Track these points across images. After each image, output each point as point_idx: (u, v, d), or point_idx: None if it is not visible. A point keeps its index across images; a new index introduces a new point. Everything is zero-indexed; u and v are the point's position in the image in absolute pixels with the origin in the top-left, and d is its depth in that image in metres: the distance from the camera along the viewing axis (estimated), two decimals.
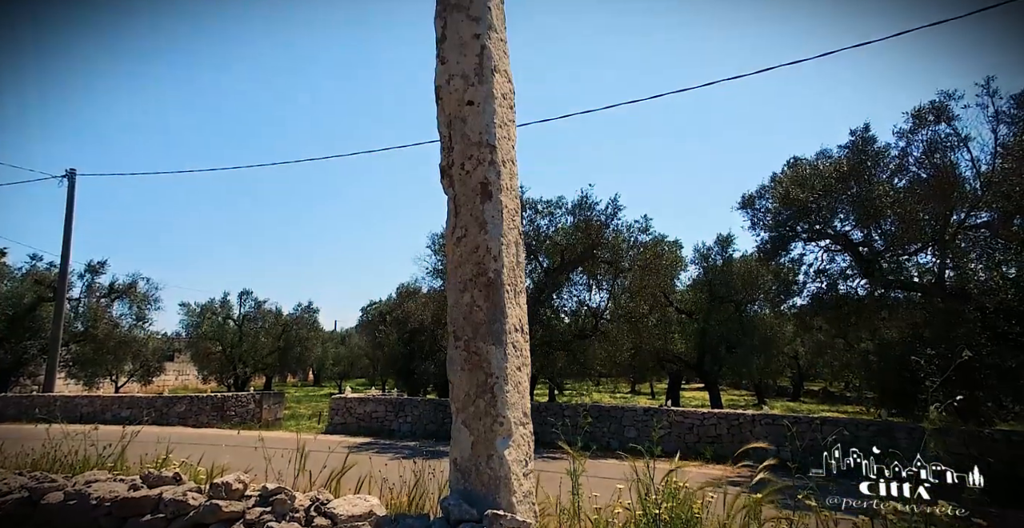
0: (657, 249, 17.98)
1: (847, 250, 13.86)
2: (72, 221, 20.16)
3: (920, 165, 12.26)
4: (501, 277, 3.49)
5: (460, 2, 3.78)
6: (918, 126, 12.05)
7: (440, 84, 3.79)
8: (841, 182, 12.85)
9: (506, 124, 3.79)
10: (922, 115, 11.98)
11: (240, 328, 27.63)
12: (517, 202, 3.83)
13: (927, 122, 11.90)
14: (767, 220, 14.61)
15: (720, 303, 20.43)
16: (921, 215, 12.09)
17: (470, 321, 3.48)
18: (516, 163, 3.89)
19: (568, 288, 18.16)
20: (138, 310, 24.83)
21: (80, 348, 23.23)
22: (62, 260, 20.28)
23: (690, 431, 13.19)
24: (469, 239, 3.57)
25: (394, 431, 16.03)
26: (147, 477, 3.92)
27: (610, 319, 17.65)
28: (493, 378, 3.37)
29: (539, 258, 17.22)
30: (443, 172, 3.78)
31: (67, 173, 20.20)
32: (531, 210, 16.93)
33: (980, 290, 11.29)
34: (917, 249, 13.07)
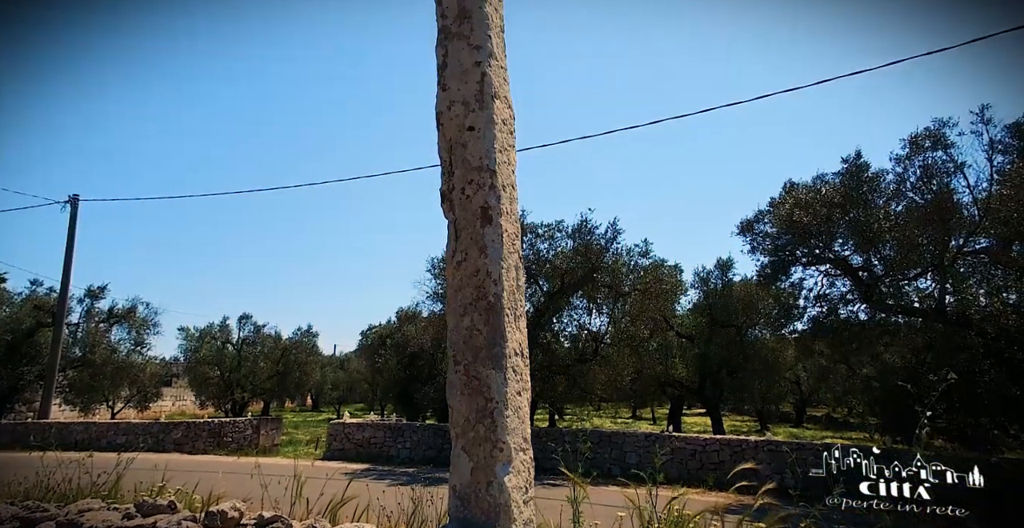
0: (657, 273, 17.99)
1: (847, 275, 13.86)
2: (73, 247, 20.17)
3: (917, 191, 12.35)
4: (501, 301, 3.49)
5: (461, 31, 3.85)
6: (914, 152, 12.18)
7: (441, 110, 3.83)
8: (839, 207, 12.91)
9: (506, 149, 3.83)
10: (918, 141, 12.11)
11: (239, 352, 27.46)
12: (517, 226, 3.84)
13: (923, 148, 12.03)
14: (766, 244, 14.64)
15: (721, 327, 20.35)
16: (920, 240, 12.13)
17: (470, 345, 3.47)
18: (516, 187, 3.92)
19: (568, 312, 18.13)
20: (137, 335, 24.71)
21: (77, 374, 23.04)
22: (62, 286, 20.26)
23: (692, 457, 13.03)
24: (469, 263, 3.58)
25: (393, 457, 15.83)
26: (141, 506, 3.86)
27: (610, 343, 17.57)
28: (493, 403, 3.34)
29: (539, 282, 17.22)
30: (443, 197, 3.80)
31: (70, 199, 20.31)
32: (531, 234, 16.99)
33: (981, 316, 11.25)
34: (917, 274, 13.08)
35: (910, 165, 12.30)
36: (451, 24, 3.89)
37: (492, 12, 3.98)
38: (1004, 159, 11.47)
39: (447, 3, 3.94)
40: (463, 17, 3.87)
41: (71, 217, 20.16)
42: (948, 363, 10.84)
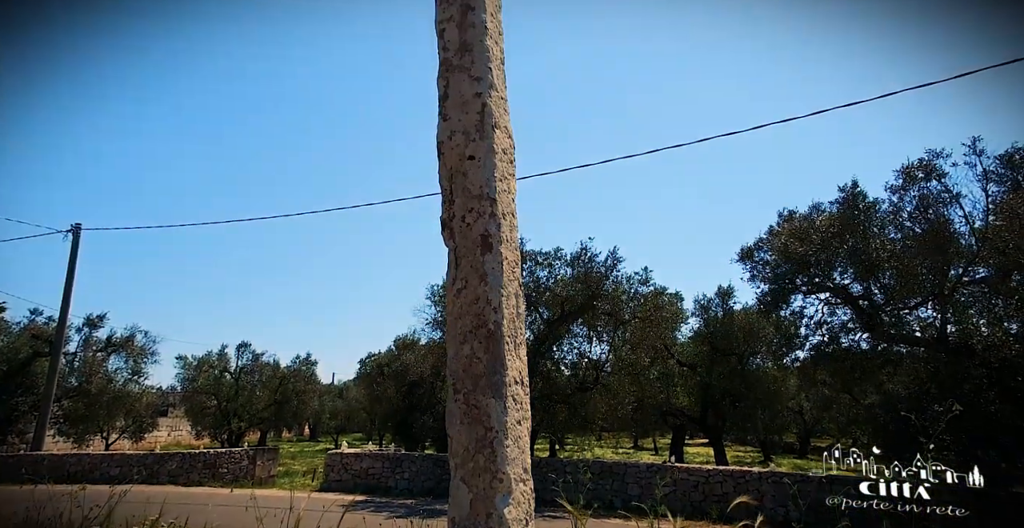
0: (657, 301, 17.97)
1: (847, 303, 13.84)
2: (73, 276, 20.08)
3: (914, 220, 12.42)
4: (501, 329, 3.48)
5: (462, 63, 3.92)
6: (909, 182, 12.29)
7: (442, 140, 3.89)
8: (837, 236, 12.97)
9: (506, 178, 3.87)
10: (911, 172, 12.24)
11: (237, 381, 27.22)
12: (517, 254, 3.86)
13: (917, 179, 12.15)
14: (766, 273, 14.66)
15: (722, 356, 20.22)
16: (919, 269, 12.15)
17: (469, 373, 3.45)
18: (516, 216, 3.94)
19: (568, 340, 18.05)
20: (134, 364, 24.44)
21: (72, 404, 22.71)
22: (60, 315, 20.13)
23: (695, 489, 12.81)
24: (469, 291, 3.58)
25: (391, 488, 15.56)
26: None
27: (611, 371, 17.45)
28: (493, 432, 3.31)
29: (539, 309, 17.19)
30: (444, 224, 3.83)
31: (72, 228, 20.33)
32: (531, 262, 17.03)
33: (984, 346, 11.20)
34: (917, 303, 13.06)
35: (905, 195, 12.42)
36: (452, 57, 3.97)
37: (492, 45, 4.07)
38: (998, 189, 11.58)
39: (448, 37, 4.03)
40: (464, 50, 3.96)
41: (72, 246, 20.16)
42: (952, 394, 10.73)
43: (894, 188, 12.54)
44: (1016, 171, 11.66)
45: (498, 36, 4.24)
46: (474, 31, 4.01)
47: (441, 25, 4.14)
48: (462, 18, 4.04)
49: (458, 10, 4.06)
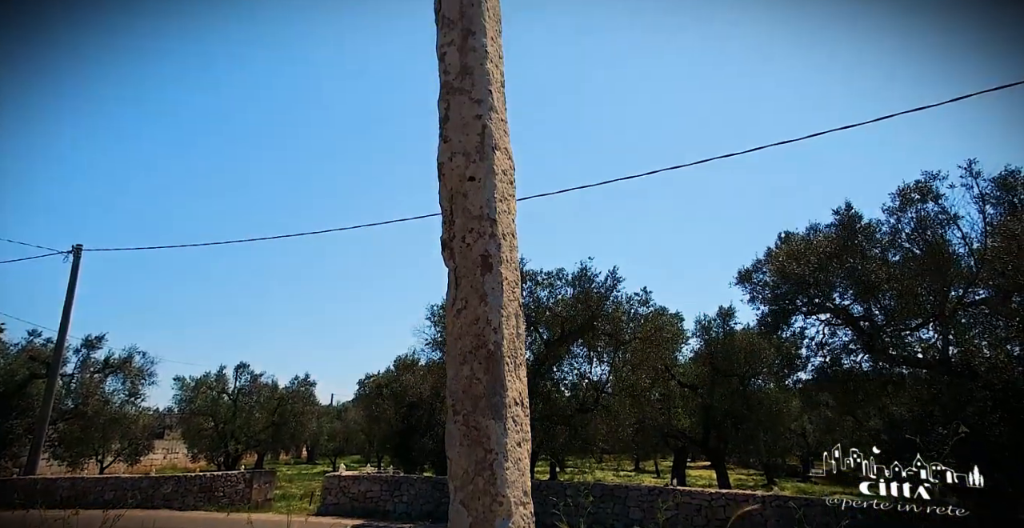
0: (658, 321, 17.92)
1: (848, 324, 13.80)
2: (73, 297, 19.97)
3: (912, 241, 12.45)
4: (501, 349, 3.48)
5: (463, 86, 3.98)
6: (906, 204, 12.35)
7: (442, 161, 3.93)
8: (835, 257, 12.99)
9: (506, 198, 3.90)
10: (908, 194, 12.30)
11: (234, 402, 27.00)
12: (517, 274, 3.87)
13: (913, 201, 12.21)
14: (766, 294, 14.66)
15: (723, 377, 20.09)
16: (919, 290, 12.14)
17: (469, 394, 3.43)
18: (516, 236, 3.96)
19: (569, 360, 17.96)
20: (131, 385, 24.21)
21: (68, 426, 22.40)
22: (59, 336, 19.99)
23: (698, 513, 12.62)
24: (469, 311, 3.58)
25: (389, 512, 15.33)
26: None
27: (612, 392, 17.32)
28: (492, 454, 3.28)
29: (539, 330, 17.14)
30: (444, 245, 3.84)
31: (73, 249, 20.30)
32: (531, 282, 17.02)
33: (987, 367, 11.13)
34: (918, 324, 13.02)
35: (903, 216, 12.46)
36: (453, 80, 4.03)
37: (493, 69, 4.14)
38: (995, 211, 11.64)
39: (449, 61, 4.09)
40: (465, 73, 4.02)
41: (73, 267, 20.10)
42: (956, 416, 10.63)
43: (891, 210, 12.60)
44: (1011, 193, 11.73)
45: (498, 60, 4.31)
46: (475, 55, 4.07)
47: (442, 49, 4.21)
48: (463, 42, 4.11)
49: (459, 35, 4.13)
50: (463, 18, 4.16)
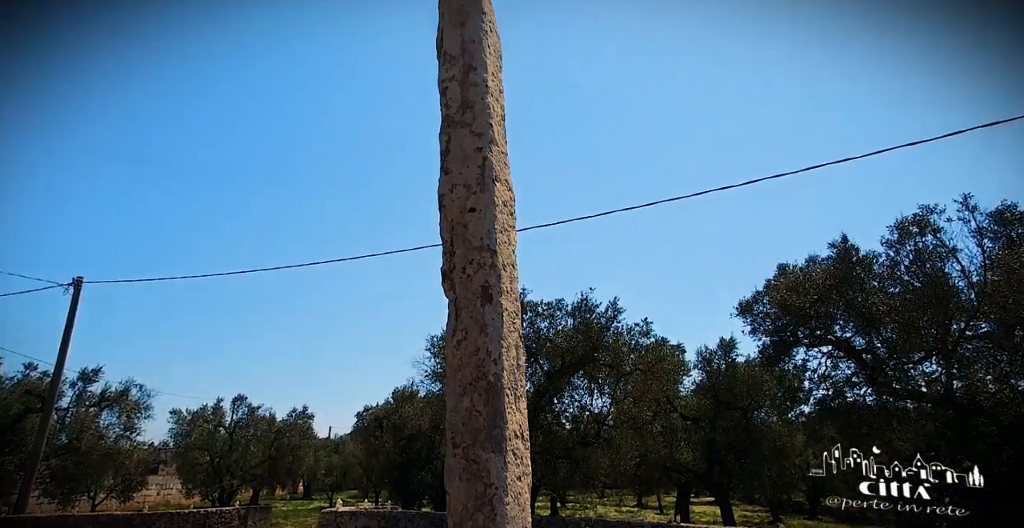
0: (659, 353, 17.78)
1: (850, 357, 13.70)
2: (72, 330, 19.59)
3: (912, 274, 12.46)
4: (501, 381, 3.46)
5: (464, 119, 4.06)
6: (904, 237, 12.40)
7: (443, 192, 3.97)
8: (835, 289, 12.99)
9: (506, 230, 3.93)
10: (905, 227, 12.37)
11: (231, 436, 26.62)
12: (517, 305, 3.87)
13: (911, 234, 12.27)
14: (766, 325, 14.60)
15: (726, 410, 19.85)
16: (920, 323, 12.09)
17: (469, 427, 3.40)
18: (516, 267, 3.98)
19: (569, 392, 17.78)
20: (127, 419, 23.81)
21: (60, 462, 21.88)
22: (56, 370, 19.48)
23: None
24: (469, 342, 3.57)
25: None
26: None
27: (613, 425, 17.11)
28: (492, 489, 3.23)
29: (539, 361, 17.01)
30: (444, 276, 3.86)
31: (73, 281, 20.08)
32: (531, 312, 16.97)
33: (992, 403, 11.00)
34: (921, 358, 12.92)
35: (901, 249, 12.51)
36: (454, 113, 4.11)
37: (493, 102, 4.22)
38: (993, 245, 11.68)
39: (451, 95, 4.18)
40: (466, 107, 4.10)
41: (73, 300, 19.86)
42: (964, 453, 10.45)
43: (889, 242, 12.65)
44: (1008, 227, 11.79)
45: (499, 94, 4.40)
46: (476, 89, 4.16)
47: (444, 84, 4.30)
48: (464, 77, 4.20)
49: (460, 70, 4.22)
50: (464, 54, 4.26)
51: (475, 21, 4.34)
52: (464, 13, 4.36)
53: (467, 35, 4.30)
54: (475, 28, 4.32)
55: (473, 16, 4.35)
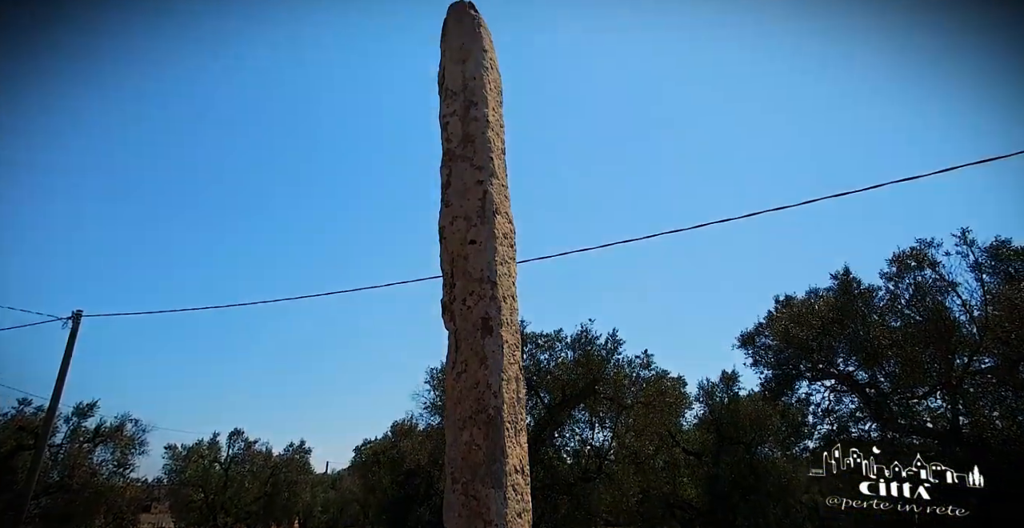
0: (660, 385, 17.59)
1: (854, 391, 13.56)
2: (69, 364, 19.22)
3: (912, 308, 12.43)
4: (501, 414, 3.42)
5: (464, 153, 4.12)
6: (903, 270, 12.42)
7: (444, 225, 4.00)
8: (836, 322, 12.94)
9: (506, 261, 3.94)
10: (904, 260, 12.40)
11: (226, 472, 26.12)
12: (518, 337, 3.87)
13: (910, 267, 12.29)
14: (768, 358, 14.51)
15: (729, 444, 19.52)
16: (923, 358, 12.00)
17: (469, 462, 3.35)
18: (516, 298, 3.99)
19: (570, 426, 17.56)
20: (121, 455, 23.31)
21: (51, 501, 21.29)
22: (50, 406, 18.78)
23: None
24: (469, 374, 3.55)
25: None
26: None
27: (615, 460, 16.83)
28: (492, 526, 3.17)
29: (539, 394, 16.84)
30: (444, 308, 3.86)
31: (73, 315, 19.79)
32: (531, 344, 16.87)
33: (1000, 440, 10.83)
34: (926, 392, 12.78)
35: (901, 282, 12.51)
36: (455, 147, 4.18)
37: (494, 136, 4.29)
38: (991, 280, 11.70)
39: (452, 129, 4.26)
40: (467, 141, 4.17)
41: (71, 334, 19.54)
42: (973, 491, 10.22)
43: (889, 275, 12.66)
44: (1005, 263, 11.81)
45: (499, 128, 4.48)
46: (476, 124, 4.24)
47: (445, 118, 4.38)
48: (465, 112, 4.28)
49: (461, 105, 4.31)
50: (465, 90, 4.36)
51: (476, 58, 4.45)
52: (465, 51, 4.47)
53: (468, 72, 4.40)
54: (476, 65, 4.43)
55: (474, 53, 4.46)
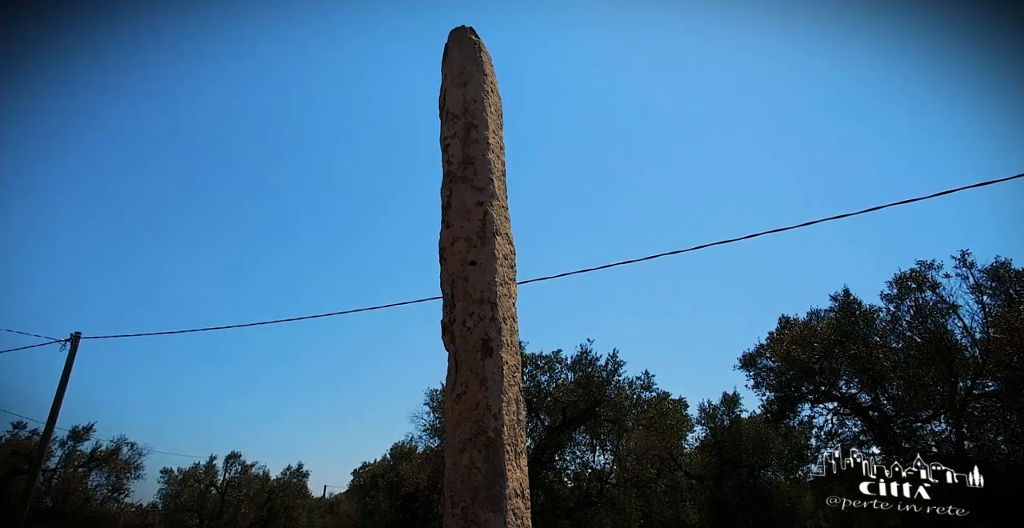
0: (661, 407, 17.46)
1: (857, 414, 13.44)
2: (66, 387, 18.91)
3: (914, 329, 12.38)
4: (501, 436, 3.39)
5: (465, 175, 4.15)
6: (904, 292, 12.40)
7: (444, 246, 4.01)
8: (838, 343, 12.88)
9: (507, 282, 3.95)
10: (904, 282, 12.40)
11: (222, 497, 25.79)
12: (518, 358, 3.85)
13: (911, 289, 12.28)
14: (770, 380, 14.41)
15: (732, 468, 19.29)
16: (926, 380, 11.91)
17: (468, 485, 3.31)
18: (517, 319, 3.98)
19: (571, 448, 17.39)
20: (116, 480, 22.97)
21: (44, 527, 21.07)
22: (45, 431, 18.33)
23: None
24: (469, 396, 3.53)
25: None
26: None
27: (616, 483, 16.61)
28: None
29: (540, 416, 16.70)
30: (444, 329, 3.85)
31: (71, 337, 19.58)
32: (531, 366, 16.78)
33: (1007, 465, 10.70)
34: (929, 416, 12.67)
35: (902, 304, 12.48)
36: (456, 169, 4.21)
37: (494, 158, 4.33)
38: (992, 302, 11.68)
39: (453, 151, 4.30)
40: (467, 163, 4.20)
41: (69, 356, 19.25)
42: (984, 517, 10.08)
43: (889, 297, 12.64)
44: (1005, 285, 11.80)
45: (499, 150, 4.52)
46: (477, 146, 4.28)
47: (446, 141, 4.43)
48: (466, 134, 4.33)
49: (462, 128, 4.36)
50: (466, 113, 4.41)
51: (476, 82, 4.51)
52: (466, 74, 4.54)
53: (469, 95, 4.46)
54: (476, 88, 4.49)
55: (475, 77, 4.53)
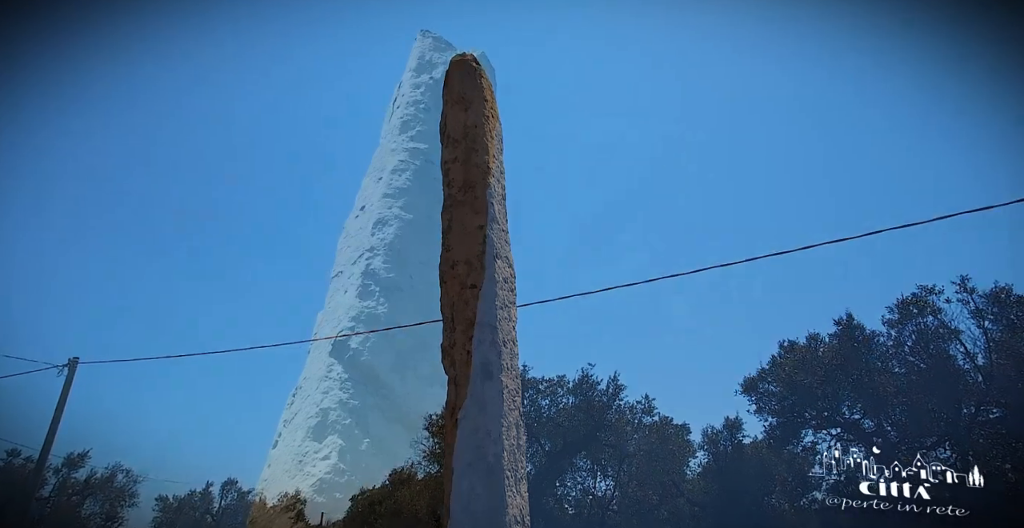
0: (663, 432, 17.24)
1: (860, 441, 13.29)
2: (62, 413, 18.69)
3: (916, 355, 12.33)
4: (501, 462, 3.36)
5: (466, 199, 4.19)
6: (905, 317, 12.37)
7: (444, 269, 4.03)
8: (840, 368, 12.80)
9: (507, 306, 3.95)
10: (906, 307, 12.37)
11: (217, 524, 25.37)
12: (518, 382, 3.83)
13: (912, 314, 12.26)
14: (772, 405, 14.30)
15: (735, 495, 18.93)
16: (929, 406, 11.80)
17: (468, 512, 3.27)
18: (517, 343, 3.97)
19: (572, 474, 17.13)
20: (110, 508, 22.60)
21: None
22: (40, 458, 18.11)
23: None
24: (469, 421, 3.51)
25: None
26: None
27: (618, 510, 16.34)
28: None
29: (540, 441, 16.50)
30: (444, 352, 3.85)
31: (68, 362, 19.39)
32: (532, 390, 16.64)
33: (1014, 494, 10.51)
34: (934, 443, 12.52)
35: (903, 329, 12.45)
36: (457, 193, 4.25)
37: (495, 182, 4.37)
38: (993, 327, 11.64)
39: (454, 176, 4.34)
40: (468, 187, 4.24)
41: (66, 381, 19.06)
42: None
43: (891, 322, 12.62)
44: (1006, 310, 11.77)
45: (500, 175, 4.57)
46: (477, 171, 4.32)
47: (447, 165, 4.48)
48: (466, 158, 4.38)
49: (463, 152, 4.41)
50: (466, 138, 4.47)
51: (477, 107, 4.58)
52: (467, 100, 4.60)
53: (470, 120, 4.52)
54: (477, 114, 4.55)
55: (475, 103, 4.59)
